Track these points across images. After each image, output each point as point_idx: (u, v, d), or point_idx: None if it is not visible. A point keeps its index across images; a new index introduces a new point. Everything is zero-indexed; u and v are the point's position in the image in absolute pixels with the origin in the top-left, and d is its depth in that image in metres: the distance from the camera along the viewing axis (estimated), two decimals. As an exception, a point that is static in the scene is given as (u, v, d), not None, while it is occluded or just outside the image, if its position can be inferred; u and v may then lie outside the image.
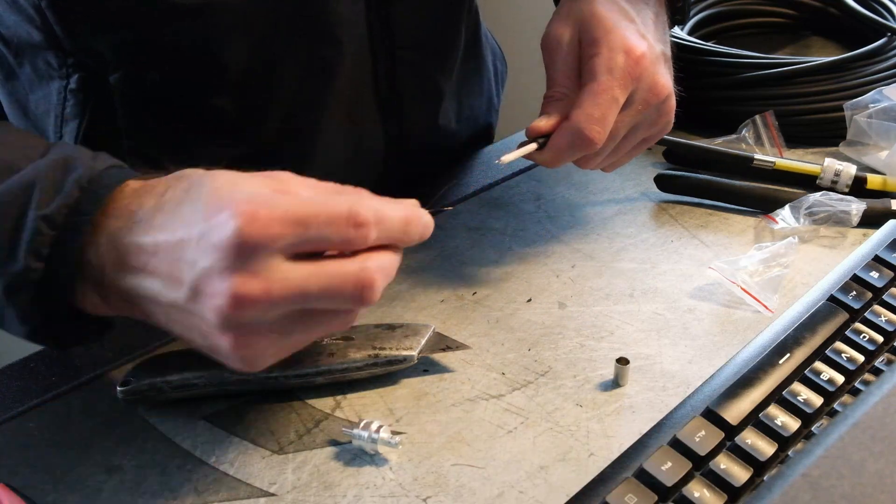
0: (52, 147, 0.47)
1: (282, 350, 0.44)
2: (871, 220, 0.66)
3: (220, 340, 0.41)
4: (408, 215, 0.45)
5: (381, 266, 0.43)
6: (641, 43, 0.57)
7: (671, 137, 0.77)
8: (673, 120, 0.62)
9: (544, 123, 0.58)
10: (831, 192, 0.67)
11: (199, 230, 0.40)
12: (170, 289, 0.42)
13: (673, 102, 0.61)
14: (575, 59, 0.59)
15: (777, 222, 0.66)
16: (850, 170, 0.70)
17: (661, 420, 0.48)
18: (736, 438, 0.46)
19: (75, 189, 0.44)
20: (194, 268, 0.40)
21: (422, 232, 0.46)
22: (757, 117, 0.75)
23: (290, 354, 0.45)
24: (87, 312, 0.46)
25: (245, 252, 0.39)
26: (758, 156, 0.72)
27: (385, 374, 0.55)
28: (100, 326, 0.48)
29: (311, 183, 0.44)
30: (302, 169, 0.70)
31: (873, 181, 0.70)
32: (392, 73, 0.70)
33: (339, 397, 0.54)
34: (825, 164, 0.70)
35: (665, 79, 0.59)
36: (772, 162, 0.71)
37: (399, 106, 0.72)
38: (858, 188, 0.70)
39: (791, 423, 0.47)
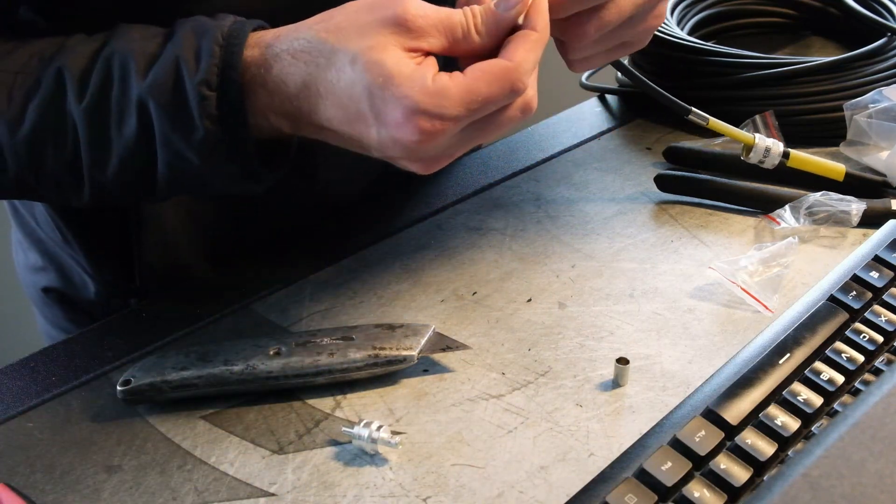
0: (173, 27, 0.52)
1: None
2: (872, 220, 0.66)
3: (410, 166, 0.51)
4: (544, 38, 0.50)
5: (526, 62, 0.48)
6: None
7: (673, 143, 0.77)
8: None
9: None
10: (831, 193, 0.67)
11: (377, 133, 0.48)
12: (356, 147, 0.51)
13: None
14: None
15: (777, 222, 0.66)
16: (779, 147, 0.69)
17: (661, 420, 0.48)
18: (736, 438, 0.46)
19: (215, 48, 0.49)
20: (383, 150, 0.49)
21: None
22: (757, 117, 0.75)
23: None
24: (272, 143, 0.53)
25: (426, 149, 0.48)
26: (695, 109, 0.70)
27: (385, 374, 0.55)
28: (286, 154, 0.55)
29: (436, 35, 0.48)
30: (310, 166, 0.69)
31: (795, 158, 0.69)
32: None
33: (339, 397, 0.54)
34: (756, 140, 0.69)
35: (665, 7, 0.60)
36: (706, 118, 0.70)
37: None
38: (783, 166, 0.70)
39: (791, 423, 0.47)
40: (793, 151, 0.69)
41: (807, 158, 0.69)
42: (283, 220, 0.71)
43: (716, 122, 0.69)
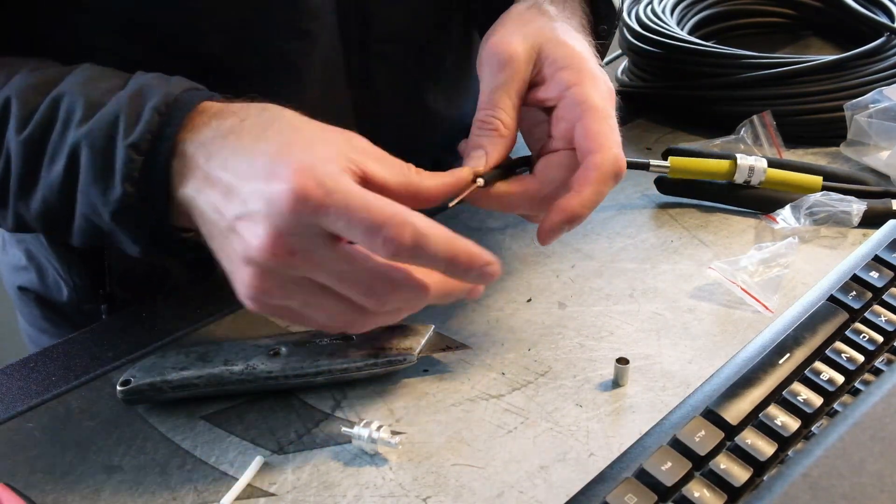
0: (130, 79, 0.51)
1: (288, 312, 0.48)
2: (872, 221, 0.66)
3: (242, 271, 0.46)
4: (453, 254, 0.45)
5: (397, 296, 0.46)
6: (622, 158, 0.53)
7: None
8: None
9: (483, 165, 0.53)
10: (832, 193, 0.67)
11: (260, 177, 0.44)
12: (215, 213, 0.46)
13: None
14: (524, 84, 0.54)
15: (777, 222, 0.66)
16: (762, 164, 0.69)
17: (661, 420, 0.48)
18: (736, 438, 0.46)
19: (154, 115, 0.48)
20: (244, 205, 0.44)
21: (476, 274, 0.46)
22: (755, 117, 0.75)
23: (293, 321, 0.49)
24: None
25: (288, 217, 0.43)
26: (654, 161, 0.67)
27: (385, 374, 0.55)
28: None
29: (383, 163, 0.47)
30: None
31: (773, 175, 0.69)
32: (365, 69, 0.67)
33: (339, 397, 0.54)
34: (738, 161, 0.68)
35: None
36: (666, 167, 0.68)
37: (375, 105, 0.69)
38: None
39: (791, 423, 0.47)
40: (769, 170, 0.69)
41: (783, 175, 0.69)
42: None
43: (680, 162, 0.69)
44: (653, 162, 0.68)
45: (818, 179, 0.69)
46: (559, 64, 0.53)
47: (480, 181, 0.52)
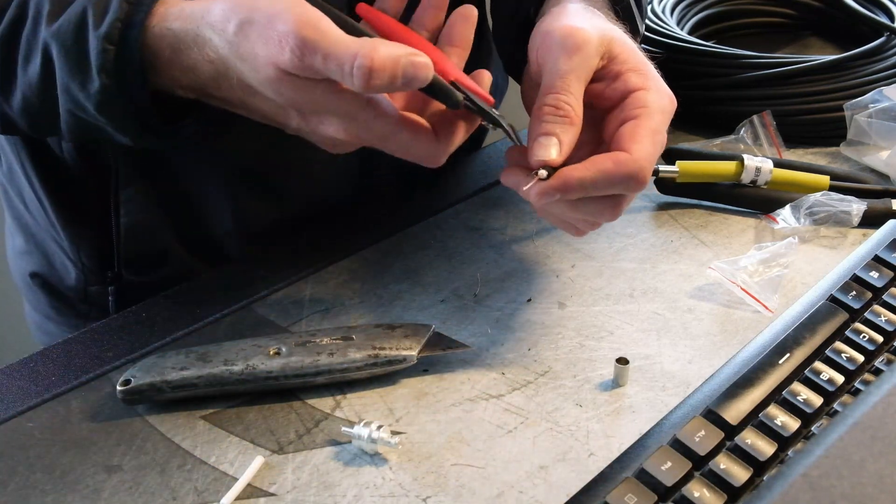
0: None
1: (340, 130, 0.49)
2: (872, 221, 0.66)
3: (287, 117, 0.49)
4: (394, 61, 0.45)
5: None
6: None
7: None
8: None
9: (557, 154, 0.49)
10: (832, 193, 0.67)
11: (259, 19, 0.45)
12: (223, 23, 0.46)
13: None
14: (591, 74, 0.52)
15: (777, 222, 0.66)
16: (768, 164, 0.68)
17: (661, 420, 0.48)
18: (736, 438, 0.46)
19: (122, 4, 0.48)
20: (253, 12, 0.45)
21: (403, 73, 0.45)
22: (755, 117, 0.75)
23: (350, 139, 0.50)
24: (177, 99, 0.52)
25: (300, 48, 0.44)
26: (662, 167, 0.68)
27: (385, 374, 0.55)
28: (196, 113, 0.54)
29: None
30: (290, 172, 0.67)
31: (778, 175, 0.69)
32: None
33: (339, 397, 0.54)
34: (746, 162, 0.68)
35: None
36: (675, 172, 0.68)
37: None
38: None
39: (791, 423, 0.47)
40: (775, 170, 0.69)
41: (789, 175, 0.69)
42: (252, 218, 0.71)
43: (688, 166, 0.68)
44: (661, 168, 0.68)
45: (825, 179, 0.69)
46: (629, 65, 0.53)
47: (543, 173, 0.48)
